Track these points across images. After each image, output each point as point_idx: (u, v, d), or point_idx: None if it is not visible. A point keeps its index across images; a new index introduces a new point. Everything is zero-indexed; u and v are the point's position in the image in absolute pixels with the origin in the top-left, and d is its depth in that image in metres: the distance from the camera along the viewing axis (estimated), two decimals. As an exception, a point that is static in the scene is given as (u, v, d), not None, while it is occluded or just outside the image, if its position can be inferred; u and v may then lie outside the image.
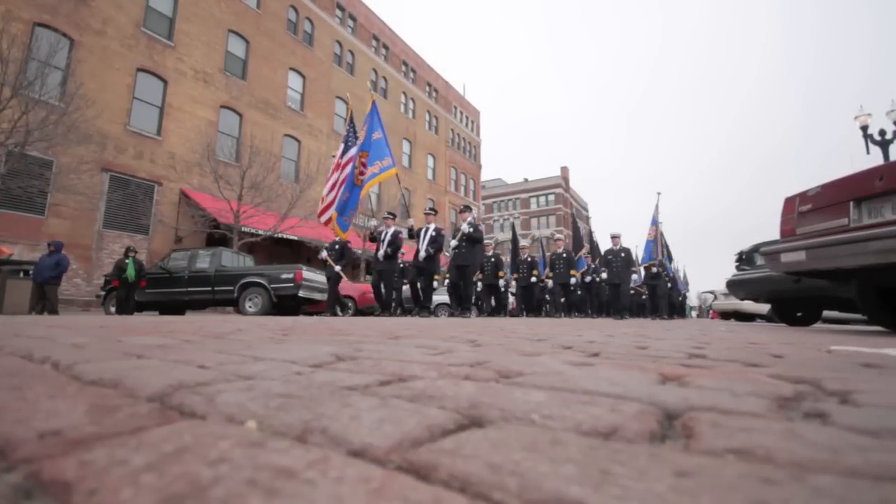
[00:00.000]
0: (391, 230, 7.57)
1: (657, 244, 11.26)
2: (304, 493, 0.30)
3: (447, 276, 10.85)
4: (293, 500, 0.29)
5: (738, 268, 6.34)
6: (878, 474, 0.34)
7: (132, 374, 0.74)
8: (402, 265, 10.30)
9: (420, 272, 7.48)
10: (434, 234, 7.30)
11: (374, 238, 7.59)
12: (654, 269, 11.29)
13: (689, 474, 0.34)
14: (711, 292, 14.32)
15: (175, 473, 0.32)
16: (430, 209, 7.87)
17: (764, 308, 8.90)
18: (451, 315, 7.16)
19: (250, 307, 8.72)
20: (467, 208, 7.69)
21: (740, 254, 6.39)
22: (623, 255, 9.71)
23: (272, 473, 0.33)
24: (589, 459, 0.37)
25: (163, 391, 0.62)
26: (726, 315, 11.32)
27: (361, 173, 7.29)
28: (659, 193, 11.78)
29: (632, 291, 15.38)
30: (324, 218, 7.35)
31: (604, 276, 10.06)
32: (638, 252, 15.65)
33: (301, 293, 8.65)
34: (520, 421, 0.50)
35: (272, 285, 8.66)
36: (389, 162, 7.24)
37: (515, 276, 11.22)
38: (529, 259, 11.12)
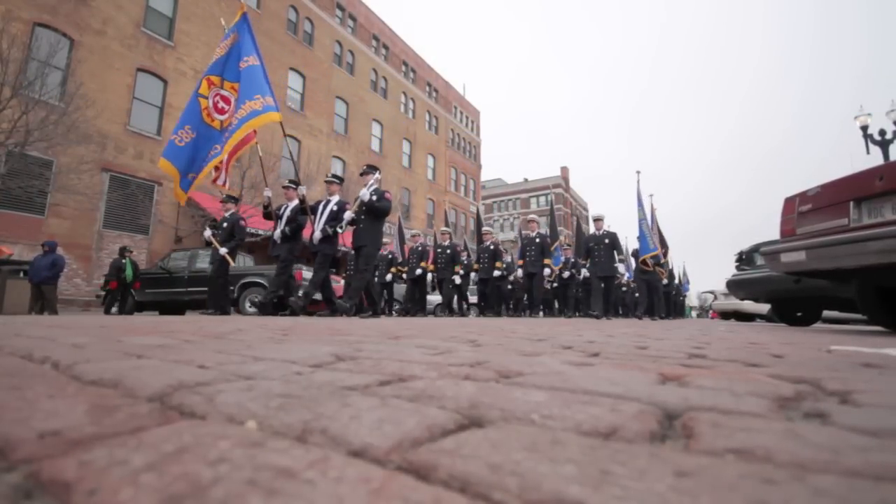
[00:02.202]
0: (293, 204, 5.95)
1: (652, 231, 9.66)
2: (304, 493, 0.30)
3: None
4: (293, 500, 0.29)
5: (738, 268, 6.35)
6: (878, 474, 0.34)
7: (132, 374, 0.74)
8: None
9: (320, 258, 5.65)
10: (336, 208, 5.62)
11: (270, 214, 5.96)
12: (653, 261, 9.58)
13: (689, 474, 0.34)
14: (711, 292, 14.30)
15: (175, 473, 0.32)
16: (333, 176, 6.04)
17: (764, 308, 8.90)
18: (360, 314, 5.56)
19: (250, 307, 8.72)
20: (372, 169, 5.63)
21: (740, 254, 6.39)
22: (607, 241, 7.96)
23: (272, 473, 0.33)
24: (589, 459, 0.37)
25: (163, 391, 0.62)
26: (726, 315, 11.32)
27: (222, 110, 5.39)
28: (638, 172, 10.08)
29: (624, 288, 13.39)
30: (190, 185, 5.46)
31: (585, 268, 8.14)
32: (627, 242, 14.67)
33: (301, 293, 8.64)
34: (520, 421, 0.50)
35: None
36: (272, 102, 5.20)
37: (476, 266, 9.43)
38: (492, 247, 9.27)
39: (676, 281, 12.47)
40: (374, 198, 5.38)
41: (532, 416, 0.52)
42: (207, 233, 6.36)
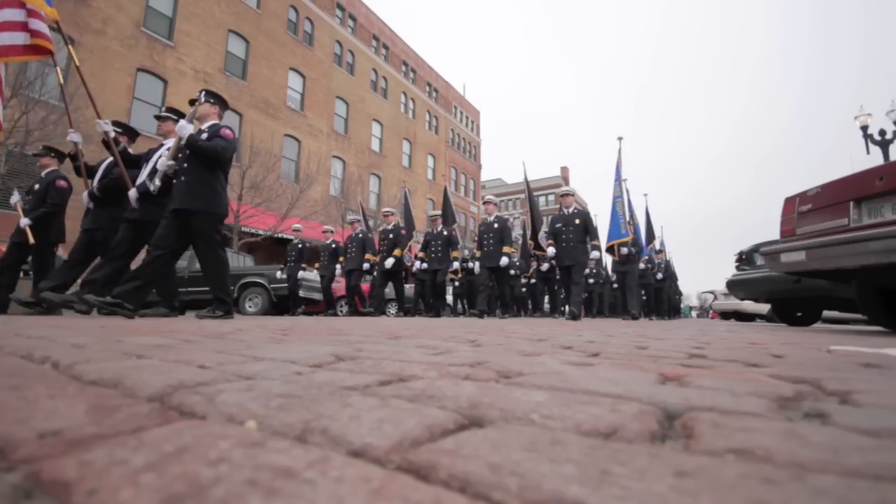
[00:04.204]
0: (107, 161, 4.33)
1: (625, 213, 8.02)
2: (304, 493, 0.30)
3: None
4: (293, 500, 0.29)
5: (738, 268, 6.36)
6: (878, 474, 0.34)
7: (132, 374, 0.74)
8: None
9: (135, 229, 3.86)
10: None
11: (79, 168, 4.31)
12: (625, 250, 7.94)
13: (689, 474, 0.34)
14: (711, 292, 14.31)
15: (175, 473, 0.32)
16: (169, 110, 4.35)
17: (764, 308, 8.90)
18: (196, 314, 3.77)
19: (250, 307, 8.73)
20: (210, 96, 3.79)
21: (740, 254, 6.40)
22: (578, 221, 6.32)
23: (272, 473, 0.33)
24: (589, 459, 0.37)
25: (163, 391, 0.62)
26: (726, 315, 11.32)
27: None
28: (620, 139, 8.25)
29: (592, 280, 11.82)
30: None
31: (551, 251, 6.50)
32: (599, 222, 13.01)
33: (301, 293, 8.65)
34: (520, 421, 0.50)
35: (272, 285, 8.66)
36: None
37: (422, 254, 7.91)
38: (445, 233, 7.58)
39: (660, 275, 10.92)
40: (205, 135, 3.57)
41: (532, 416, 0.52)
42: (15, 198, 4.83)
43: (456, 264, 7.52)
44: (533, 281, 10.62)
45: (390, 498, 0.29)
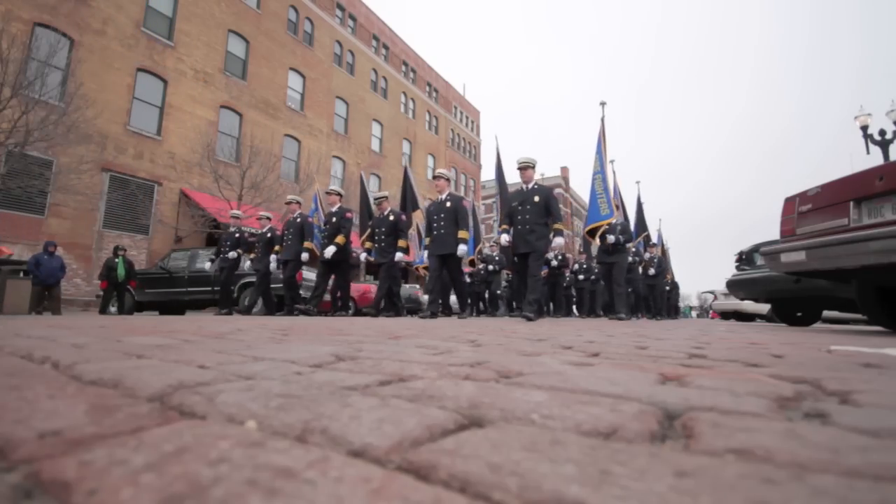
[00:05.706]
0: None
1: (608, 192, 6.76)
2: (304, 493, 0.30)
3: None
4: (293, 500, 0.29)
5: (738, 268, 6.36)
6: (878, 474, 0.34)
7: (132, 374, 0.74)
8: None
9: None
10: None
11: None
12: (612, 238, 6.59)
13: (689, 474, 0.34)
14: (711, 292, 14.31)
15: (175, 473, 0.32)
16: None
17: (764, 308, 8.90)
18: None
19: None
20: None
21: (740, 254, 6.40)
22: (537, 199, 5.19)
23: (272, 473, 0.33)
24: (589, 459, 0.37)
25: (163, 391, 0.62)
26: (726, 315, 11.32)
27: None
28: (603, 104, 7.08)
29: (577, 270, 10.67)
30: None
31: (504, 239, 5.42)
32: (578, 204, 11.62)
33: (302, 293, 8.64)
34: (520, 421, 0.50)
35: (272, 285, 8.66)
36: None
37: (370, 245, 6.66)
38: (391, 218, 6.34)
39: (652, 271, 9.77)
40: None
41: (532, 416, 0.52)
42: None
43: (399, 255, 6.24)
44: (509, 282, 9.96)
45: (390, 498, 0.29)
